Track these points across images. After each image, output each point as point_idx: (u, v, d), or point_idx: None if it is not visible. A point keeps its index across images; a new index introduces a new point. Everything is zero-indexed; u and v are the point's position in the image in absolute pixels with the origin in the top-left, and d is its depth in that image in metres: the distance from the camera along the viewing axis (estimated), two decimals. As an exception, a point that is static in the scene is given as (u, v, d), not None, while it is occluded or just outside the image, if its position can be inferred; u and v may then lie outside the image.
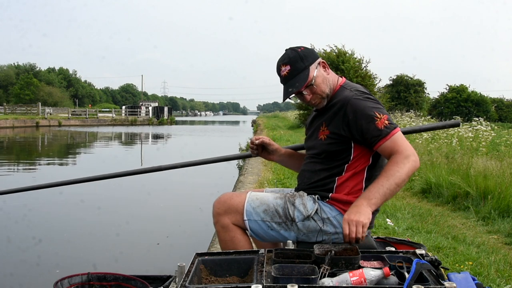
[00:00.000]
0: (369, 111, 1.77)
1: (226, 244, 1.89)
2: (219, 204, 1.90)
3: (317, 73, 1.87)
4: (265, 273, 1.53)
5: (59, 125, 40.26)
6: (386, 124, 1.75)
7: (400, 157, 1.71)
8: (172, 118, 56.17)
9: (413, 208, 5.36)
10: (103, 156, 17.63)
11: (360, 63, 23.03)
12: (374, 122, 1.75)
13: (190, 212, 7.36)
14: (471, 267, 3.20)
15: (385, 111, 1.80)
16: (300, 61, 1.86)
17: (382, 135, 1.74)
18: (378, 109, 1.78)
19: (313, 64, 1.87)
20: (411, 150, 1.74)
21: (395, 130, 1.75)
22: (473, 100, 34.22)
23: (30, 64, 70.62)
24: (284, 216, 1.85)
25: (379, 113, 1.76)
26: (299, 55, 1.87)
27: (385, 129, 1.74)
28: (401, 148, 1.72)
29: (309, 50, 1.91)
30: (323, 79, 1.89)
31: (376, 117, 1.75)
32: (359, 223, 1.63)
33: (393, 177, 1.69)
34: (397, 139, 1.74)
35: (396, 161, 1.71)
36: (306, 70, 1.86)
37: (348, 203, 1.83)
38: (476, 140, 9.49)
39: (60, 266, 4.61)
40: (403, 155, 1.71)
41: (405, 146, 1.73)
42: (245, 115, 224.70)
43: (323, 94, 1.89)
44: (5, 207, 7.09)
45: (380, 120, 1.75)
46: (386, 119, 1.76)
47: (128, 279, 2.31)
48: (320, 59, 1.91)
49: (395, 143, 1.74)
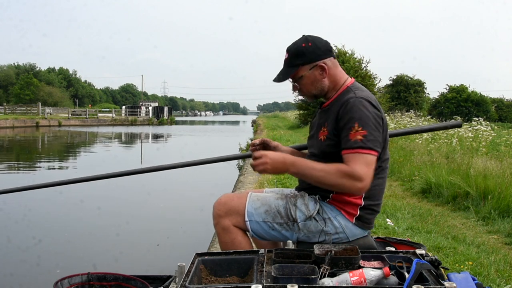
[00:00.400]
0: (353, 118, 1.73)
1: (227, 245, 1.88)
2: (219, 205, 1.89)
3: (307, 74, 1.88)
4: (265, 273, 1.53)
5: (59, 125, 40.26)
6: (359, 139, 1.69)
7: (346, 170, 1.67)
8: (172, 118, 56.18)
9: (413, 208, 5.36)
10: (103, 156, 17.64)
11: (360, 63, 23.05)
12: (349, 130, 1.72)
13: (190, 212, 7.36)
14: (471, 267, 3.20)
15: (370, 127, 1.71)
16: (296, 57, 1.88)
17: (347, 146, 1.71)
18: (362, 121, 1.71)
19: (308, 65, 1.87)
20: (362, 175, 1.66)
21: (364, 150, 1.68)
22: (473, 100, 34.22)
23: (30, 64, 70.70)
24: (286, 216, 1.85)
25: (361, 126, 1.71)
26: (301, 50, 1.87)
27: (353, 142, 1.70)
28: (355, 167, 1.67)
29: (314, 49, 1.87)
30: (312, 81, 1.89)
31: (353, 128, 1.71)
32: (267, 166, 1.75)
33: (324, 175, 1.71)
34: (357, 158, 1.68)
35: (340, 169, 1.68)
36: (294, 68, 1.88)
37: (349, 204, 1.83)
38: (476, 140, 9.49)
39: (60, 266, 4.61)
40: (351, 172, 1.66)
41: (359, 168, 1.67)
42: (245, 115, 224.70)
43: (308, 94, 1.95)
44: (5, 207, 7.09)
45: (355, 132, 1.71)
46: (362, 134, 1.70)
47: (128, 279, 2.31)
48: (319, 62, 1.87)
49: (353, 160, 1.69)
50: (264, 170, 1.77)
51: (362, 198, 1.83)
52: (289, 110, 71.96)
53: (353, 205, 1.83)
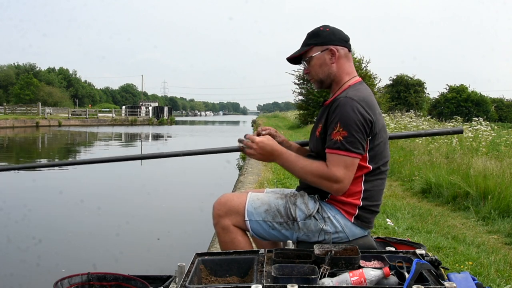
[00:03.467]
0: (337, 117, 1.74)
1: (227, 245, 1.88)
2: (219, 205, 1.89)
3: (318, 56, 1.91)
4: (265, 273, 1.53)
5: (59, 125, 40.25)
6: (338, 139, 1.72)
7: (324, 172, 1.74)
8: (172, 118, 56.17)
9: (413, 208, 5.36)
10: (103, 156, 17.61)
11: (360, 63, 23.06)
12: (332, 130, 1.75)
13: (190, 212, 7.36)
14: (471, 267, 3.21)
15: (352, 128, 1.71)
16: (311, 37, 1.93)
17: (328, 145, 1.76)
18: (345, 122, 1.72)
19: (320, 47, 1.90)
20: (339, 177, 1.72)
21: (342, 152, 1.71)
22: (473, 100, 34.23)
23: (30, 64, 70.71)
24: (285, 215, 1.85)
25: (344, 127, 1.72)
26: (316, 32, 1.93)
27: (333, 142, 1.73)
28: (333, 169, 1.72)
29: (330, 34, 1.92)
30: (321, 63, 1.91)
31: (335, 127, 1.73)
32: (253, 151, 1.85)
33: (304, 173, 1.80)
34: (336, 160, 1.72)
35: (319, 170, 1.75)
36: (307, 46, 1.92)
37: (347, 204, 1.83)
38: (476, 140, 9.48)
39: (60, 266, 4.61)
40: (328, 174, 1.73)
41: (337, 170, 1.72)
42: (245, 115, 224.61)
43: (315, 77, 1.95)
44: (5, 207, 7.09)
45: (336, 132, 1.73)
46: (342, 135, 1.71)
47: (128, 279, 2.31)
48: (331, 46, 1.89)
49: (332, 161, 1.73)
50: (250, 154, 1.88)
51: (360, 198, 1.83)
52: (289, 110, 71.97)
53: (351, 205, 1.83)
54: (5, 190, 9.15)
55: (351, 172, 1.74)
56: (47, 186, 10.07)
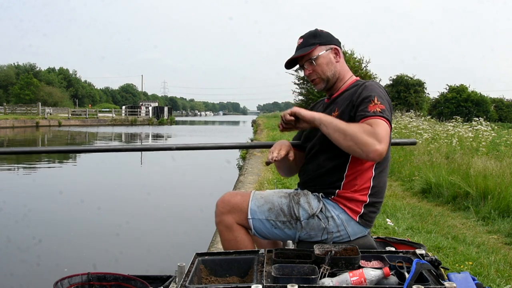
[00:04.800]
0: (371, 94, 1.77)
1: (230, 243, 1.88)
2: (222, 203, 1.89)
3: (323, 54, 1.93)
4: (265, 273, 1.53)
5: (59, 125, 40.24)
6: (377, 110, 1.74)
7: (370, 129, 1.68)
8: (172, 118, 56.16)
9: (413, 208, 5.37)
10: (103, 156, 17.61)
11: (360, 63, 23.02)
12: (368, 103, 1.76)
13: (190, 212, 7.36)
14: (471, 267, 3.21)
15: (386, 103, 1.77)
16: (312, 38, 1.94)
17: (366, 115, 1.73)
18: (380, 98, 1.77)
19: (324, 46, 1.93)
20: (384, 138, 1.67)
21: (382, 118, 1.71)
22: (473, 100, 34.19)
23: (30, 64, 70.66)
24: (289, 214, 1.85)
25: (379, 101, 1.76)
26: (316, 33, 1.96)
27: (373, 112, 1.73)
28: (377, 128, 1.68)
29: (329, 35, 1.97)
30: (327, 61, 1.94)
31: (373, 101, 1.76)
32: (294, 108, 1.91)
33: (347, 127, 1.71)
34: (378, 123, 1.70)
35: (363, 127, 1.69)
36: (312, 46, 1.92)
37: (354, 200, 1.83)
38: (476, 140, 9.49)
39: (60, 266, 4.61)
40: (374, 132, 1.67)
41: (380, 131, 1.67)
42: (245, 115, 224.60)
43: (322, 75, 1.94)
44: (5, 207, 7.09)
45: (374, 105, 1.75)
46: (380, 107, 1.74)
47: (128, 279, 2.31)
48: (334, 46, 1.95)
49: (375, 123, 1.70)
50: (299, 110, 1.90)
51: (367, 195, 1.84)
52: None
53: (357, 202, 1.84)
54: (5, 190, 9.16)
55: (388, 141, 1.72)
56: (47, 186, 10.08)
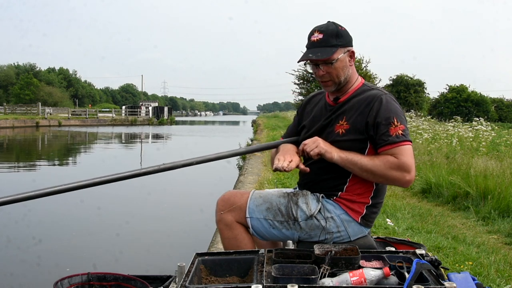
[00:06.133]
0: (390, 114, 1.77)
1: (230, 242, 1.88)
2: (223, 201, 1.90)
3: (342, 58, 1.85)
4: (265, 273, 1.53)
5: (59, 125, 40.22)
6: (399, 133, 1.75)
7: (395, 162, 1.72)
8: (172, 118, 56.16)
9: (413, 208, 5.36)
10: (103, 156, 17.63)
11: (360, 63, 23.02)
12: (389, 126, 1.76)
13: (190, 212, 7.36)
14: (471, 267, 3.21)
15: (404, 121, 1.80)
16: (334, 37, 1.84)
17: (389, 141, 1.74)
18: (398, 116, 1.78)
19: (343, 48, 1.86)
20: (411, 166, 1.72)
21: (405, 143, 1.74)
22: (473, 100, 34.16)
23: (30, 64, 70.59)
24: (286, 215, 1.85)
25: (398, 121, 1.77)
26: (338, 32, 1.85)
27: (395, 137, 1.74)
28: (403, 158, 1.72)
29: (348, 34, 1.89)
30: (344, 66, 1.87)
31: (393, 123, 1.76)
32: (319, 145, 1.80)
33: (373, 165, 1.74)
34: (402, 150, 1.74)
35: (389, 161, 1.73)
36: (334, 48, 1.83)
37: (357, 202, 1.84)
38: (476, 140, 9.49)
39: (60, 266, 4.61)
40: (400, 164, 1.72)
41: (407, 159, 1.72)
42: (245, 115, 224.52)
43: (336, 79, 1.87)
44: (5, 207, 7.07)
45: (394, 128, 1.75)
46: (401, 129, 1.76)
47: (128, 279, 2.31)
48: (352, 48, 1.89)
49: (399, 152, 1.73)
50: (317, 146, 1.82)
51: (370, 197, 1.85)
52: (289, 110, 71.92)
53: (360, 203, 1.84)
54: (5, 191, 9.14)
55: (414, 164, 1.77)
56: (47, 186, 10.05)
